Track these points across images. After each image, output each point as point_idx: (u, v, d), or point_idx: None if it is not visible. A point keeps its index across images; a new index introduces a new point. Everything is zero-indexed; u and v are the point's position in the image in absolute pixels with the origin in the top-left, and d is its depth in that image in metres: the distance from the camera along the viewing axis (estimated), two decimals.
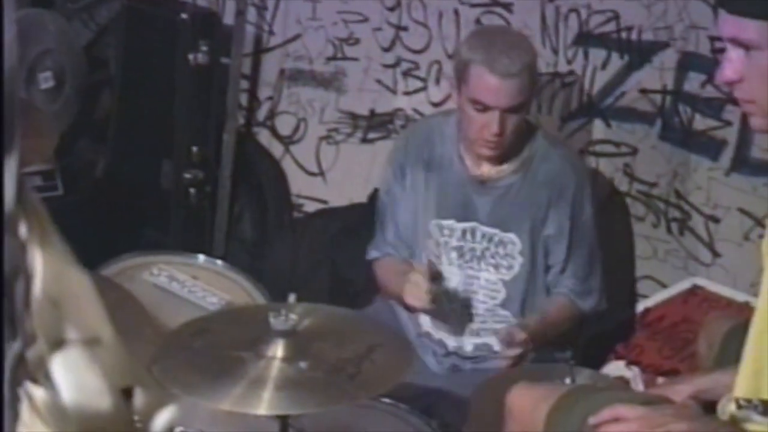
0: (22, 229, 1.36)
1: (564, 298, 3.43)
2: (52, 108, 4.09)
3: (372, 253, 3.59)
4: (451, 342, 3.43)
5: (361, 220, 4.13)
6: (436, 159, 3.42)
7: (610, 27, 3.84)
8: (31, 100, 4.03)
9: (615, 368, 3.44)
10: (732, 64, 1.97)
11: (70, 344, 1.42)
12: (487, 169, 3.38)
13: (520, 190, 3.37)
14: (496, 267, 3.40)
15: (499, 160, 3.35)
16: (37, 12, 4.18)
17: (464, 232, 3.40)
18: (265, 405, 2.49)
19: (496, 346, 3.37)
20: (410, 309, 3.36)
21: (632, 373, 3.38)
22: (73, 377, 1.43)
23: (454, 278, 3.43)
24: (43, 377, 1.41)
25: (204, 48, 4.21)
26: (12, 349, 1.35)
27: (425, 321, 3.47)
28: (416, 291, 3.22)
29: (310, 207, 4.55)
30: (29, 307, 1.36)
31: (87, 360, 1.45)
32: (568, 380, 2.86)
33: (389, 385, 2.69)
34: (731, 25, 1.96)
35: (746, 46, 1.93)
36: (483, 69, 3.19)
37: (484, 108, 3.21)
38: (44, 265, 1.40)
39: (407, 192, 3.47)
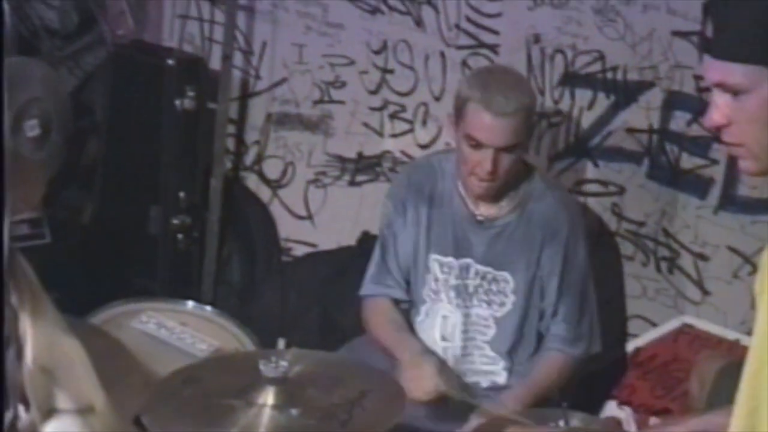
0: (14, 298, 1.34)
1: (553, 354, 3.42)
2: (39, 156, 4.03)
3: (368, 288, 3.56)
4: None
5: (350, 262, 4.16)
6: (437, 195, 3.46)
7: (596, 67, 3.86)
8: (18, 148, 3.97)
9: (607, 408, 3.43)
10: (719, 109, 1.97)
11: (63, 413, 1.40)
12: (484, 208, 3.41)
13: (516, 230, 3.40)
14: (489, 303, 3.42)
15: (494, 198, 3.38)
16: (23, 60, 4.14)
17: (460, 269, 3.43)
18: None
19: (484, 383, 3.41)
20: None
21: (624, 414, 3.38)
22: None
23: (452, 317, 3.44)
24: None
25: (190, 93, 4.24)
26: (5, 418, 1.33)
27: None
28: (422, 385, 3.19)
29: (299, 251, 4.56)
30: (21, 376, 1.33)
31: (80, 428, 1.43)
32: (561, 423, 2.85)
33: (380, 430, 2.69)
34: (717, 70, 1.96)
35: (733, 91, 1.93)
36: (479, 106, 3.24)
37: (478, 145, 3.25)
38: (36, 334, 1.38)
39: (408, 226, 3.48)
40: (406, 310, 3.54)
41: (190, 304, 3.66)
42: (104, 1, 4.59)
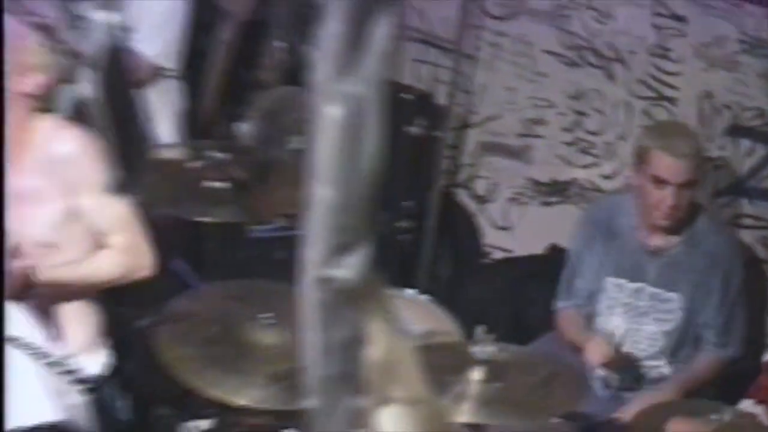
0: (369, 304, 1.35)
1: (708, 355, 3.48)
2: (298, 165, 4.14)
3: (559, 304, 3.65)
4: (613, 380, 3.50)
5: (539, 267, 4.21)
6: (615, 229, 3.52)
7: (757, 122, 3.88)
8: (282, 156, 4.06)
9: (746, 406, 3.45)
10: None
11: (396, 402, 1.40)
12: (658, 240, 3.46)
13: (684, 258, 3.46)
14: (658, 321, 3.48)
15: (670, 231, 3.43)
16: (292, 89, 4.31)
17: (633, 291, 3.49)
18: (465, 415, 2.58)
19: (652, 374, 3.49)
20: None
21: (760, 411, 3.39)
22: (397, 430, 1.41)
23: (620, 330, 3.50)
24: (367, 427, 1.39)
25: (420, 122, 4.31)
26: (354, 403, 1.34)
27: None
28: (599, 350, 3.35)
29: (497, 255, 4.60)
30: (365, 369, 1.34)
31: (408, 416, 1.42)
32: (714, 416, 2.89)
33: (570, 407, 2.83)
34: None
35: None
36: (661, 151, 3.31)
37: (662, 183, 3.31)
38: (379, 335, 1.36)
39: (592, 256, 3.56)
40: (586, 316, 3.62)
41: (410, 292, 3.72)
42: None
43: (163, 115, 4.05)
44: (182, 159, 3.70)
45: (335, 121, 1.17)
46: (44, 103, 2.84)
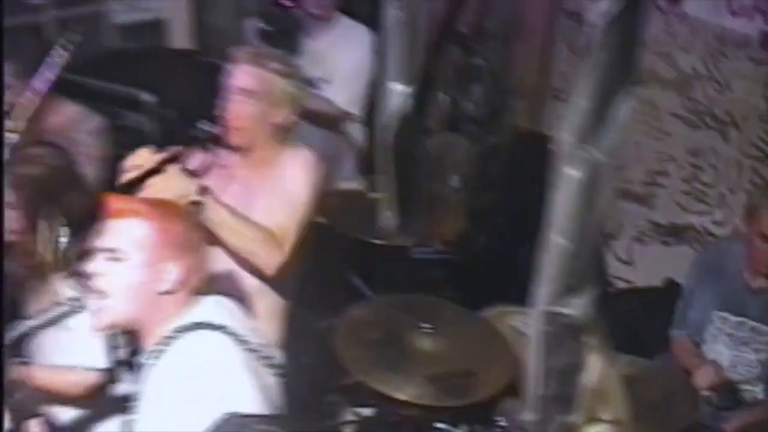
0: (589, 338, 1.37)
1: None
2: (457, 199, 4.52)
3: (674, 332, 3.82)
4: (715, 400, 3.61)
5: (656, 298, 4.43)
6: (724, 270, 3.67)
7: None
8: (445, 193, 4.50)
9: None
10: None
11: (601, 422, 1.42)
12: (760, 282, 3.62)
13: None
14: (756, 351, 3.64)
15: None
16: (452, 136, 4.74)
17: (737, 323, 3.65)
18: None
19: (748, 396, 3.66)
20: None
21: None
22: None
23: (725, 355, 3.67)
24: None
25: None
26: (566, 420, 1.38)
27: None
28: (707, 376, 3.57)
29: (620, 285, 4.81)
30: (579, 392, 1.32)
31: None
32: None
33: (687, 422, 3.02)
34: None
35: None
36: None
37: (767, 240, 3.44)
38: (595, 364, 1.38)
39: (702, 293, 3.72)
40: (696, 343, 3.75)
41: None
42: (511, 101, 4.96)
43: (348, 153, 4.54)
44: (363, 190, 4.26)
45: (574, 181, 1.21)
46: (286, 134, 3.26)
